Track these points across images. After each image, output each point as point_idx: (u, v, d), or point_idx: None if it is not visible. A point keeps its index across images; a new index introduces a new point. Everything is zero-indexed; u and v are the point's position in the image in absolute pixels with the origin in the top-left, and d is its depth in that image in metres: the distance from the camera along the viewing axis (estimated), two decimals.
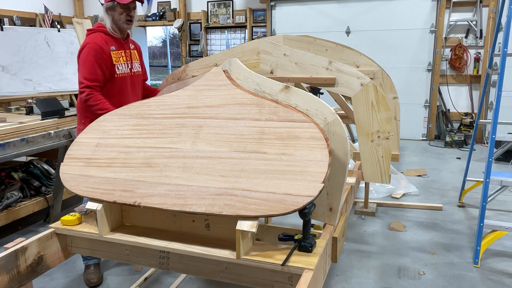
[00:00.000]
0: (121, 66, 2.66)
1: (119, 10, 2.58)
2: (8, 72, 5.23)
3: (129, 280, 2.79)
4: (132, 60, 2.76)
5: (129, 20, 2.63)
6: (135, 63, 2.80)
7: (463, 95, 7.09)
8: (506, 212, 3.92)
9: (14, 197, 3.45)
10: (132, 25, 2.68)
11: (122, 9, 2.57)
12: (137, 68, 2.81)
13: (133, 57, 2.79)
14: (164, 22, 8.78)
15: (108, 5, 2.58)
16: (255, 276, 1.59)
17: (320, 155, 1.59)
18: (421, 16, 7.02)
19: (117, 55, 2.64)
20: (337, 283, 2.74)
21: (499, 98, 2.91)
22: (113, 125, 2.04)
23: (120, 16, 2.59)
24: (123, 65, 2.68)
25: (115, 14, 2.59)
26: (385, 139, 2.30)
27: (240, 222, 1.53)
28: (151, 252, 1.76)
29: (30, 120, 3.42)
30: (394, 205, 4.14)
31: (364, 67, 3.18)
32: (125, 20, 2.61)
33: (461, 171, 4.95)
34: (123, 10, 2.58)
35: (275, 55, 2.50)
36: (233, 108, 1.87)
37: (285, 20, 7.89)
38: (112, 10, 2.59)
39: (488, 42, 6.71)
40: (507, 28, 2.91)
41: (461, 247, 3.23)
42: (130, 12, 2.61)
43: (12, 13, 7.62)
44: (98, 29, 2.63)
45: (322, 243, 1.67)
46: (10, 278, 1.69)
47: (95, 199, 1.79)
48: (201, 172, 1.71)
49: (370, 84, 2.26)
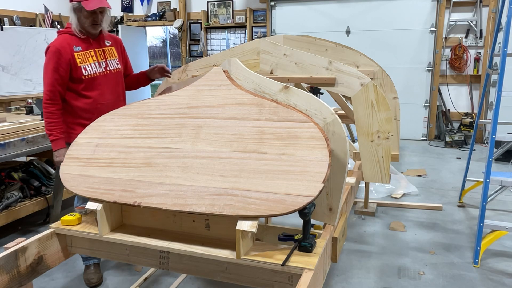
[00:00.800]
0: (90, 67, 2.57)
1: (85, 14, 2.48)
2: (8, 72, 5.23)
3: (129, 280, 2.79)
4: (106, 58, 2.66)
5: (95, 24, 2.53)
6: (112, 60, 2.70)
7: (463, 95, 7.09)
8: (506, 212, 3.92)
9: (14, 197, 3.45)
10: (100, 27, 2.59)
11: (87, 13, 2.48)
12: (114, 65, 2.71)
13: (108, 54, 2.69)
14: (164, 22, 8.79)
15: (74, 6, 2.48)
16: (255, 276, 1.59)
17: (320, 155, 1.59)
18: (421, 16, 7.02)
19: (84, 56, 2.56)
20: (337, 283, 2.74)
21: (499, 98, 2.91)
22: (113, 125, 2.04)
23: (86, 20, 2.50)
24: (92, 65, 2.58)
25: (81, 16, 2.50)
26: (385, 139, 2.30)
27: (240, 222, 1.53)
28: (151, 252, 1.76)
29: (30, 120, 3.42)
30: (394, 205, 4.13)
31: (364, 67, 3.18)
32: (90, 24, 2.52)
33: (461, 171, 4.95)
34: (89, 14, 2.49)
35: (275, 55, 2.50)
36: (233, 108, 1.87)
37: (285, 20, 7.89)
38: (79, 12, 2.49)
39: (488, 42, 6.71)
40: (507, 28, 2.91)
41: (461, 247, 3.23)
42: (96, 17, 2.52)
43: (12, 13, 7.62)
44: (65, 30, 2.58)
45: (322, 243, 1.67)
46: (10, 278, 1.69)
47: (95, 199, 1.79)
48: (201, 172, 1.71)
49: (370, 84, 2.26)
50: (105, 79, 2.65)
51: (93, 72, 2.59)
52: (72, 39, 2.54)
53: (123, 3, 9.08)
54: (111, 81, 2.67)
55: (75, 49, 2.53)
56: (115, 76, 2.72)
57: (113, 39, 2.78)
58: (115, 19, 9.10)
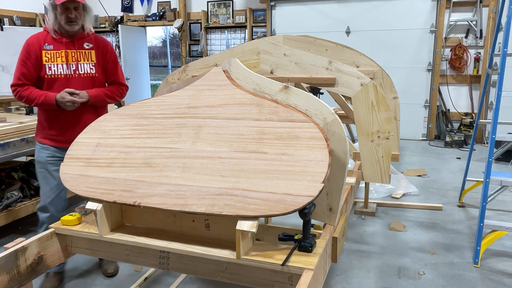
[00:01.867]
0: (56, 67, 2.50)
1: (59, 10, 2.44)
2: (8, 72, 5.23)
3: (129, 280, 2.79)
4: (79, 61, 2.55)
5: (70, 21, 2.46)
6: (86, 64, 2.58)
7: (463, 95, 7.09)
8: (506, 212, 3.92)
9: (14, 197, 3.45)
10: (77, 25, 2.50)
11: (61, 9, 2.43)
12: (87, 70, 2.58)
13: (83, 57, 2.57)
14: (164, 22, 8.79)
15: (50, 3, 2.46)
16: (255, 276, 1.59)
17: (320, 155, 1.59)
18: (421, 16, 7.02)
19: (52, 55, 2.49)
20: (337, 283, 2.74)
21: (499, 98, 2.91)
22: (113, 125, 2.04)
23: (61, 16, 2.45)
24: (59, 65, 2.50)
25: (57, 14, 2.46)
26: (385, 139, 2.30)
27: (240, 222, 1.53)
28: (151, 252, 1.76)
29: (30, 120, 3.42)
30: (394, 205, 4.13)
31: (364, 67, 3.18)
32: (65, 21, 2.45)
33: (461, 171, 4.94)
34: (63, 10, 2.43)
35: (275, 55, 2.50)
36: (233, 108, 1.87)
37: (285, 20, 7.89)
38: (55, 9, 2.45)
39: (488, 42, 6.71)
40: (507, 28, 2.91)
41: (461, 247, 3.23)
42: (70, 13, 2.44)
43: (12, 13, 7.62)
44: (45, 27, 2.57)
45: (322, 243, 1.67)
46: (10, 278, 1.69)
47: (95, 199, 1.79)
48: (201, 172, 1.71)
49: (370, 84, 2.26)
50: (70, 82, 2.54)
51: (57, 73, 2.51)
52: (47, 37, 2.52)
53: (123, 3, 9.09)
54: (77, 85, 2.54)
55: (45, 47, 2.49)
56: (84, 80, 2.59)
57: (97, 43, 2.65)
58: (115, 19, 9.11)
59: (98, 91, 2.63)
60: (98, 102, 2.64)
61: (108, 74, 2.71)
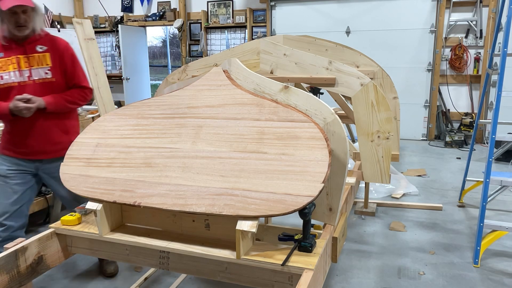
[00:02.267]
0: (8, 75, 2.33)
1: (7, 16, 2.27)
2: None
3: (129, 280, 2.79)
4: (32, 66, 2.37)
5: (19, 25, 2.28)
6: (40, 69, 2.38)
7: (463, 95, 7.09)
8: (506, 212, 3.92)
9: None
10: (27, 29, 2.32)
11: (9, 15, 2.26)
12: (41, 75, 2.39)
13: (36, 62, 2.38)
14: (164, 22, 8.79)
15: None
16: (255, 276, 1.59)
17: (320, 155, 1.60)
18: (421, 16, 7.02)
19: (4, 63, 2.33)
20: (337, 283, 2.74)
21: (499, 98, 2.91)
22: (113, 125, 2.04)
23: (9, 22, 2.28)
24: (11, 73, 2.33)
25: (5, 19, 2.29)
26: (385, 139, 2.30)
27: (240, 222, 1.53)
28: (151, 252, 1.76)
29: None
30: (394, 205, 4.13)
31: (364, 67, 3.18)
32: (14, 27, 2.28)
33: (461, 171, 4.94)
34: (11, 15, 2.26)
35: (275, 55, 2.50)
36: (233, 108, 1.87)
37: (285, 20, 7.89)
38: (2, 15, 2.29)
39: (488, 42, 6.71)
40: (507, 28, 2.91)
41: (461, 247, 3.23)
42: (18, 17, 2.26)
43: None
44: None
45: (322, 243, 1.67)
46: (10, 278, 1.69)
47: (95, 199, 1.79)
48: (201, 172, 1.71)
49: (370, 84, 2.26)
50: (25, 89, 2.35)
51: (10, 81, 2.34)
52: None
53: (123, 3, 9.09)
54: (33, 92, 2.34)
55: None
56: (40, 87, 2.39)
57: (52, 44, 2.45)
58: (115, 19, 9.11)
59: (56, 97, 2.42)
60: (57, 109, 2.43)
61: (67, 77, 2.49)
